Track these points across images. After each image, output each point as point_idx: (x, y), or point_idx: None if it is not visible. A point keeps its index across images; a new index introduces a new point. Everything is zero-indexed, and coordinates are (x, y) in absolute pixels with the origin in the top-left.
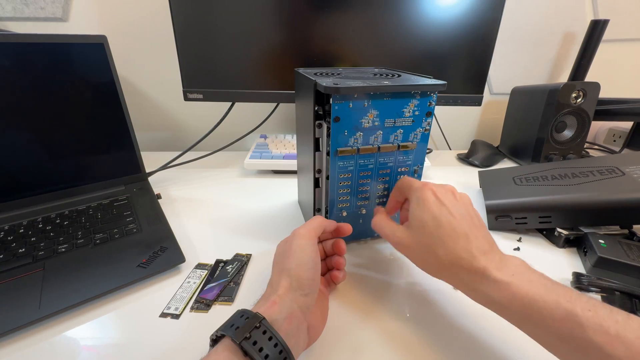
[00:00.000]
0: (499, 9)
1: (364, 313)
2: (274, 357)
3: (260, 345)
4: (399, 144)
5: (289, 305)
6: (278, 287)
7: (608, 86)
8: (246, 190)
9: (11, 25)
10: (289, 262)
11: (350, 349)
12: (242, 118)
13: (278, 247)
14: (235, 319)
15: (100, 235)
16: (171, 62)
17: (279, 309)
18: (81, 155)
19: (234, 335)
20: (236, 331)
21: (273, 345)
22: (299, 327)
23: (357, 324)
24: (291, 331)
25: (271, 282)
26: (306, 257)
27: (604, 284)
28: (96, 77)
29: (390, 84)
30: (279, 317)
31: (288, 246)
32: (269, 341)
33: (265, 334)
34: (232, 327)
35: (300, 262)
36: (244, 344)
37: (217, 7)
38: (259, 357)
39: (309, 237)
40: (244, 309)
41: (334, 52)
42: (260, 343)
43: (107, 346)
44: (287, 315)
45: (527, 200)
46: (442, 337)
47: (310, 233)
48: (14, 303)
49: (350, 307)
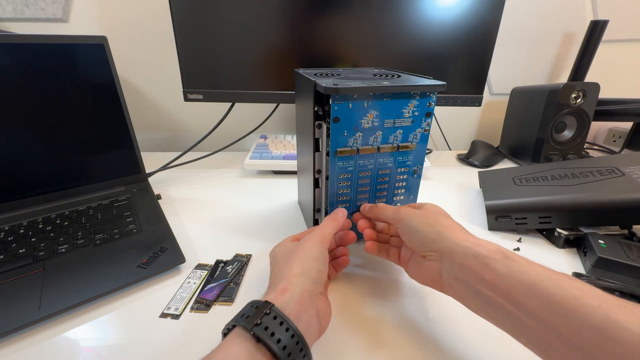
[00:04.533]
0: (499, 9)
1: (364, 312)
2: (287, 342)
3: (272, 331)
4: (398, 144)
5: (298, 291)
6: (289, 274)
7: (608, 86)
8: (246, 191)
9: (12, 26)
10: (299, 255)
11: (350, 349)
12: (242, 118)
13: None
14: (246, 309)
15: (101, 236)
16: (171, 63)
17: (290, 295)
18: (81, 155)
19: (245, 323)
20: (247, 320)
21: (285, 329)
22: (309, 312)
23: (357, 324)
24: (301, 316)
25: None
26: (316, 252)
27: (603, 284)
28: (96, 78)
29: (389, 84)
30: (290, 302)
31: (298, 246)
32: (280, 326)
33: (275, 319)
34: (242, 317)
35: (310, 255)
36: (255, 330)
37: (217, 8)
38: (271, 341)
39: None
40: (254, 299)
41: (334, 52)
42: (271, 328)
43: (107, 347)
44: (296, 300)
45: (527, 200)
46: (442, 337)
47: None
48: (14, 303)
49: (350, 307)
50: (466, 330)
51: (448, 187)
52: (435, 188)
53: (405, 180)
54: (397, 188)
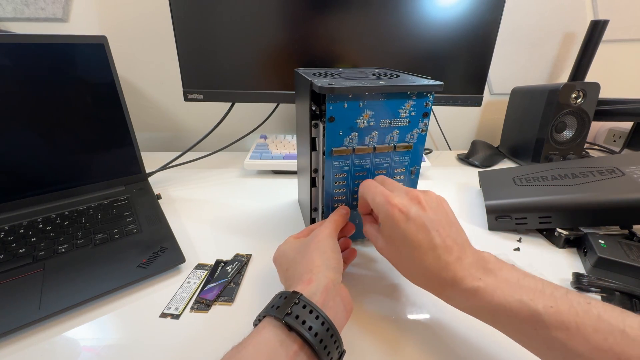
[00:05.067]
0: (499, 9)
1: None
2: (318, 329)
3: (303, 319)
4: (394, 144)
5: (323, 280)
6: (312, 266)
7: (608, 86)
8: (246, 191)
9: (12, 25)
10: (317, 247)
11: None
12: (242, 118)
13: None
14: (275, 301)
15: (101, 236)
16: (171, 63)
17: (316, 284)
18: (81, 155)
19: (276, 313)
20: (277, 310)
21: (315, 317)
22: (334, 300)
23: (356, 324)
24: (327, 303)
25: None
26: (332, 243)
27: (603, 284)
28: (96, 78)
29: (385, 84)
30: (316, 291)
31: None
32: (310, 314)
33: (305, 308)
34: (272, 308)
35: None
36: (286, 319)
37: (218, 7)
38: (303, 329)
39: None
40: (282, 291)
41: (335, 52)
42: (302, 317)
43: (107, 347)
44: (322, 289)
45: (527, 200)
46: (442, 337)
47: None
48: (14, 303)
49: None
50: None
51: (448, 187)
52: (436, 188)
53: (402, 181)
54: None
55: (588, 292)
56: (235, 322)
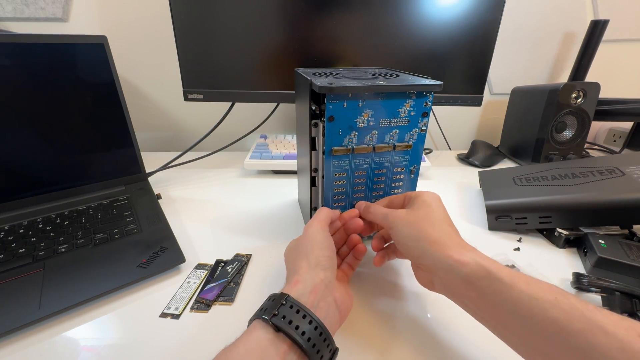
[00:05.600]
0: (499, 9)
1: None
2: (307, 329)
3: (290, 319)
4: (394, 144)
5: (310, 280)
6: (298, 269)
7: (608, 86)
8: (246, 190)
9: (11, 25)
10: (304, 247)
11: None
12: (242, 118)
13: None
14: (264, 304)
15: (100, 236)
16: (171, 62)
17: (303, 285)
18: (81, 155)
19: (263, 314)
20: (265, 312)
21: (302, 317)
22: (326, 300)
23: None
24: (317, 303)
25: (290, 269)
26: (319, 239)
27: (604, 284)
28: (96, 77)
29: (384, 84)
30: (304, 292)
31: (301, 237)
32: (297, 314)
33: (292, 308)
34: (261, 311)
35: (314, 244)
36: (274, 320)
37: (218, 7)
38: (290, 329)
39: (319, 225)
40: (272, 293)
41: (335, 52)
42: (289, 317)
43: (107, 346)
44: (310, 289)
45: (527, 200)
46: (441, 336)
47: (321, 222)
48: (14, 303)
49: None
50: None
51: (448, 187)
52: (435, 188)
53: (402, 180)
54: (393, 188)
55: (588, 292)
56: (235, 322)
